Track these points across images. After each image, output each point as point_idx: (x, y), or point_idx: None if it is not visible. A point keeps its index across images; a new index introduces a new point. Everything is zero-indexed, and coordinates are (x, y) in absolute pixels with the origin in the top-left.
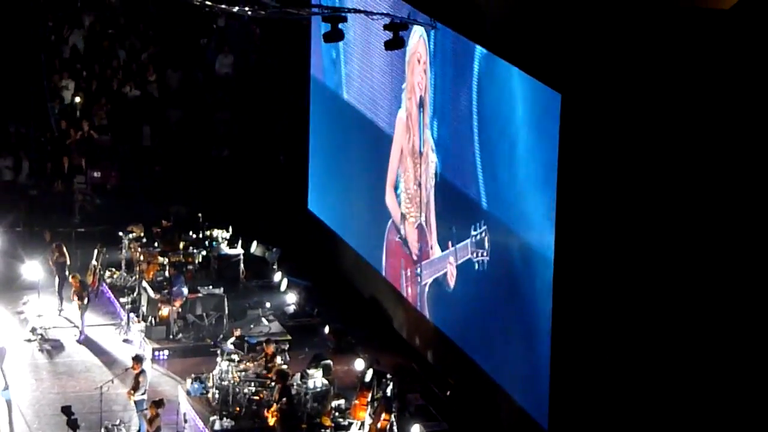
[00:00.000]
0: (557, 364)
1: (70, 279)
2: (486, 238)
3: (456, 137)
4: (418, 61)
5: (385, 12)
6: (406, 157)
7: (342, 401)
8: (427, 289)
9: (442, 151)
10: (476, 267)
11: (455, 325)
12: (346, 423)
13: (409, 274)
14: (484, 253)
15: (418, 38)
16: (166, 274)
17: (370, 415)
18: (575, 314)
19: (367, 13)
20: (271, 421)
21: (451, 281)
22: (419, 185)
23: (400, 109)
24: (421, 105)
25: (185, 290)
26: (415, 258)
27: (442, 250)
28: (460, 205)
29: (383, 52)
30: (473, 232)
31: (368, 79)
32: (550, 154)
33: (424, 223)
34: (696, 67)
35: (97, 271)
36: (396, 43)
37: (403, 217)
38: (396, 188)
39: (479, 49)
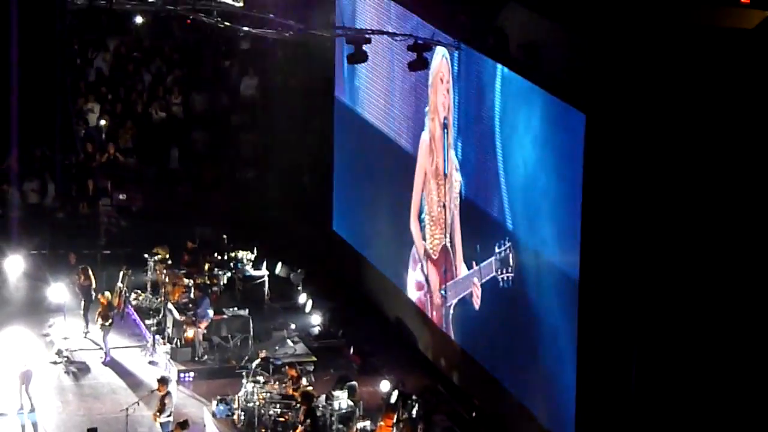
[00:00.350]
0: (583, 384)
1: (99, 298)
2: (510, 258)
3: (480, 157)
4: (441, 81)
5: (408, 33)
6: (429, 180)
7: (367, 423)
8: (452, 310)
9: (466, 171)
10: (501, 287)
11: (481, 346)
12: None
13: (434, 295)
14: (509, 273)
15: (440, 59)
16: (192, 295)
17: None
18: (601, 334)
19: (390, 34)
20: None
21: (476, 302)
22: (443, 206)
23: (423, 132)
24: (444, 126)
25: (210, 312)
26: (440, 279)
27: (468, 270)
28: (485, 224)
29: (407, 73)
30: (497, 252)
31: (392, 100)
32: (574, 173)
33: (448, 244)
34: (720, 86)
35: (123, 293)
36: (420, 64)
37: (428, 238)
38: (420, 212)
39: (502, 69)
